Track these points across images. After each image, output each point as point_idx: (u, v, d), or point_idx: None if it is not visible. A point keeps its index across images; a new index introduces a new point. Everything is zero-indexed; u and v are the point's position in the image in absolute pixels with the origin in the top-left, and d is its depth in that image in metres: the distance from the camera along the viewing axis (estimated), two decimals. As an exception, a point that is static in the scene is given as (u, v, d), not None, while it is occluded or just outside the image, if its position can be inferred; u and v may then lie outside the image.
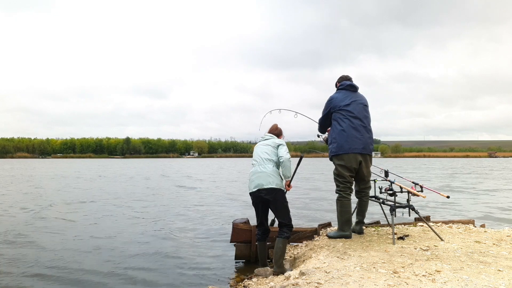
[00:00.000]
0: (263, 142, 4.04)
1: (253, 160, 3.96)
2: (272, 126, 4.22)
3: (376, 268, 2.97)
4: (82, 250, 5.50)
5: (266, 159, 3.83)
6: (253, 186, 3.77)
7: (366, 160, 4.20)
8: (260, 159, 3.85)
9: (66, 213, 8.90)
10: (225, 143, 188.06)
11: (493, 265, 3.00)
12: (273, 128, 4.19)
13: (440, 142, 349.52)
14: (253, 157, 3.99)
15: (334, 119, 4.22)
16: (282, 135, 4.17)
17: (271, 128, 4.19)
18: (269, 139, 4.02)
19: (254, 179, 3.79)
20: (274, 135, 4.07)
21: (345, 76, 4.46)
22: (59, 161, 79.08)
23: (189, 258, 5.14)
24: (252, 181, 3.82)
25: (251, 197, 3.88)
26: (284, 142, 3.99)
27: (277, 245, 3.76)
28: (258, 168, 3.81)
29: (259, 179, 3.74)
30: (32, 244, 5.80)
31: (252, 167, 3.92)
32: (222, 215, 8.71)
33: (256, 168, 3.84)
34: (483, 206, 10.05)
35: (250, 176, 3.88)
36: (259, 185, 3.73)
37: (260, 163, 3.83)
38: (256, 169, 3.83)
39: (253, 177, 3.81)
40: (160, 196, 12.79)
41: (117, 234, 6.55)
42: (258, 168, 3.81)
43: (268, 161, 3.82)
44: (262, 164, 3.81)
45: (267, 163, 3.81)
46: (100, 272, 4.50)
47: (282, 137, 4.14)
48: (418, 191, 4.01)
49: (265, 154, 3.86)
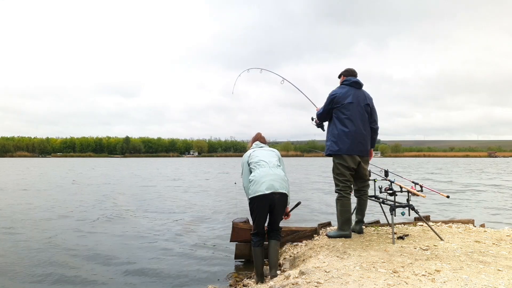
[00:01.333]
0: (265, 148, 3.87)
1: (258, 161, 3.62)
2: (258, 135, 4.06)
3: (376, 268, 2.97)
4: (81, 250, 5.50)
5: (277, 164, 3.64)
6: (265, 188, 3.41)
7: (365, 160, 4.20)
8: (270, 162, 3.62)
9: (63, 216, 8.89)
10: (225, 143, 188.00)
11: (492, 265, 3.00)
12: (261, 137, 4.05)
13: (441, 142, 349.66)
14: (256, 159, 3.66)
15: (335, 116, 4.17)
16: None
17: (261, 137, 4.04)
18: (266, 146, 3.92)
19: (266, 181, 3.44)
20: (265, 144, 3.98)
21: (351, 70, 4.29)
22: (60, 160, 79.10)
23: (189, 257, 5.15)
24: (262, 182, 3.44)
25: (257, 201, 3.46)
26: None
27: (273, 248, 3.63)
28: (270, 170, 3.52)
29: (273, 181, 3.45)
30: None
31: (257, 168, 3.57)
32: (222, 214, 8.71)
33: (267, 169, 3.53)
34: (482, 205, 10.06)
35: (257, 177, 3.49)
36: (272, 187, 3.43)
37: (270, 165, 3.58)
38: (267, 170, 3.52)
39: (265, 179, 3.45)
40: (159, 196, 12.79)
41: (114, 236, 6.55)
42: (271, 170, 3.52)
43: (279, 167, 3.64)
44: (274, 167, 3.58)
45: (278, 168, 3.62)
46: (100, 272, 4.50)
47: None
48: (418, 190, 4.01)
49: (274, 159, 3.69)
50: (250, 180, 3.55)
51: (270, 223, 3.69)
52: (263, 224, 3.59)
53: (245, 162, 3.73)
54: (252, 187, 3.50)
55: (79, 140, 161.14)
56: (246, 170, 3.68)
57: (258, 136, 4.06)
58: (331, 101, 4.19)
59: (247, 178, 3.62)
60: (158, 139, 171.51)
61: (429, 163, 55.42)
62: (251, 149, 3.89)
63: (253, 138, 4.08)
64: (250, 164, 3.67)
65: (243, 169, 3.74)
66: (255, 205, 3.50)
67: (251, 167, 3.64)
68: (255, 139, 4.05)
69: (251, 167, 3.64)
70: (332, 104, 4.18)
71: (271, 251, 3.64)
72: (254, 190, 3.46)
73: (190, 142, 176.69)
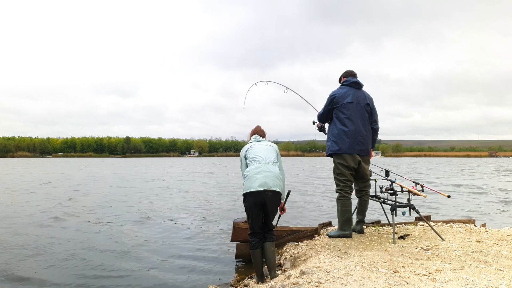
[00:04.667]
0: (264, 142, 3.81)
1: (254, 157, 3.58)
2: (257, 128, 4.00)
3: (377, 268, 2.97)
4: (81, 250, 5.51)
5: (273, 161, 3.59)
6: (258, 184, 3.37)
7: (365, 160, 4.20)
8: (266, 158, 3.57)
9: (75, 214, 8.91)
10: (225, 142, 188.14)
11: (493, 265, 2.99)
12: (260, 130, 4.00)
13: (441, 142, 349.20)
14: (252, 154, 3.61)
15: (335, 116, 4.18)
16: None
17: (260, 130, 3.99)
18: (265, 141, 3.85)
19: (259, 178, 3.39)
20: (264, 138, 3.92)
21: (350, 71, 4.35)
22: (61, 160, 79.15)
23: (190, 257, 5.15)
24: (256, 179, 3.40)
25: (249, 197, 3.42)
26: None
27: (269, 249, 3.56)
28: (265, 167, 3.48)
29: (267, 179, 3.40)
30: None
31: (252, 163, 3.54)
32: (222, 214, 8.72)
33: (261, 165, 3.49)
34: (483, 205, 10.05)
35: (251, 173, 3.46)
36: (265, 184, 3.38)
37: (266, 162, 3.53)
38: (261, 167, 3.48)
39: (259, 176, 3.41)
40: (158, 196, 12.80)
41: (114, 235, 6.56)
42: (265, 167, 3.48)
43: (275, 164, 3.58)
44: (269, 164, 3.53)
45: (274, 165, 3.56)
46: (100, 272, 4.50)
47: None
48: (418, 190, 4.00)
49: (271, 155, 3.63)
50: (244, 176, 3.54)
51: (263, 223, 3.60)
52: (258, 223, 3.51)
53: (242, 157, 3.72)
54: (245, 183, 3.48)
55: (80, 140, 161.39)
56: (243, 164, 3.68)
57: (257, 129, 4.01)
58: (331, 101, 4.21)
59: (244, 172, 3.63)
60: (159, 139, 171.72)
61: (432, 163, 55.29)
62: (249, 142, 3.86)
63: (252, 131, 4.03)
64: (247, 158, 3.65)
65: (241, 163, 3.75)
66: (247, 202, 3.46)
67: (247, 161, 3.62)
68: (254, 132, 4.00)
69: (247, 161, 3.62)
70: (332, 104, 4.20)
71: (268, 254, 3.56)
72: (247, 186, 3.44)
73: (191, 142, 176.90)
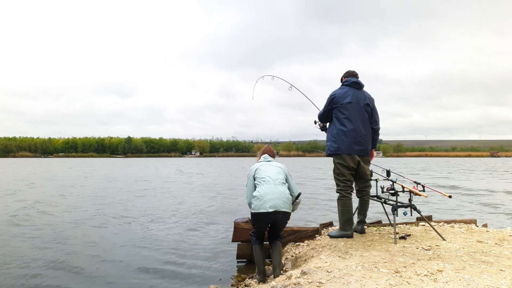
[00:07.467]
0: (273, 163, 3.88)
1: (264, 177, 3.65)
2: (267, 148, 4.12)
3: (378, 268, 2.97)
4: (83, 249, 5.52)
5: (282, 182, 3.65)
6: (269, 206, 3.47)
7: (365, 160, 4.19)
8: (276, 179, 3.64)
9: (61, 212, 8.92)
10: (226, 143, 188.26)
11: (495, 265, 2.99)
12: (270, 150, 4.10)
13: (442, 142, 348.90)
14: (262, 174, 3.69)
15: (335, 116, 4.19)
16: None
17: (269, 150, 4.09)
18: (274, 161, 3.93)
19: (270, 199, 3.49)
20: (273, 159, 4.02)
21: (351, 71, 4.36)
22: (62, 161, 79.28)
23: (191, 257, 5.15)
24: (267, 200, 3.49)
25: (259, 216, 3.54)
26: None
27: (277, 248, 3.71)
28: (275, 188, 3.55)
29: (277, 201, 3.49)
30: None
31: (262, 184, 3.60)
32: (223, 214, 8.72)
33: (272, 187, 3.56)
34: (485, 205, 10.03)
35: (261, 195, 3.52)
36: (276, 206, 3.48)
37: (276, 182, 3.60)
38: (272, 188, 3.55)
39: (269, 197, 3.50)
40: (158, 196, 12.81)
41: (114, 235, 6.57)
42: (276, 188, 3.55)
43: (284, 185, 3.66)
44: (279, 184, 3.60)
45: (283, 186, 3.64)
46: (100, 272, 4.51)
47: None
48: (420, 190, 4.00)
49: (280, 176, 3.70)
50: (254, 196, 3.59)
51: (272, 232, 3.79)
52: (263, 233, 3.75)
53: (251, 176, 3.79)
54: (255, 202, 3.54)
55: (81, 140, 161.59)
56: (251, 184, 3.74)
57: (267, 149, 4.10)
58: (330, 101, 4.22)
59: (251, 191, 3.67)
60: (160, 139, 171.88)
61: (432, 163, 55.21)
62: (258, 162, 3.94)
63: (262, 151, 4.12)
64: (255, 178, 3.72)
65: (248, 181, 3.81)
66: (257, 220, 3.61)
67: (256, 182, 3.69)
68: (263, 152, 4.09)
69: (256, 182, 3.69)
70: (331, 105, 4.22)
71: (274, 252, 3.70)
72: (258, 206, 3.52)
73: (192, 142, 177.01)
